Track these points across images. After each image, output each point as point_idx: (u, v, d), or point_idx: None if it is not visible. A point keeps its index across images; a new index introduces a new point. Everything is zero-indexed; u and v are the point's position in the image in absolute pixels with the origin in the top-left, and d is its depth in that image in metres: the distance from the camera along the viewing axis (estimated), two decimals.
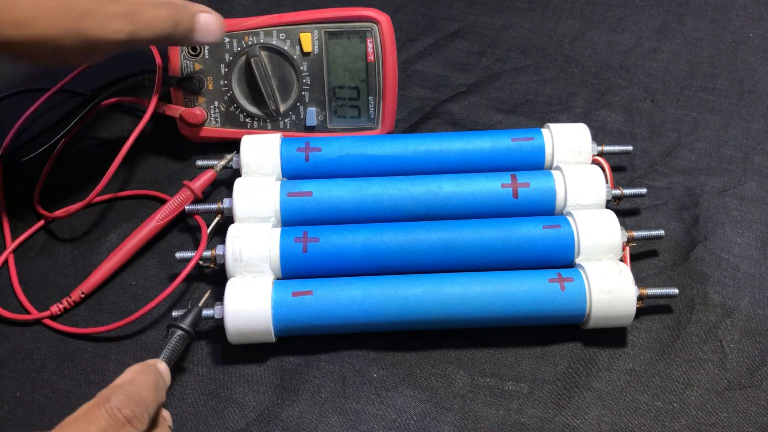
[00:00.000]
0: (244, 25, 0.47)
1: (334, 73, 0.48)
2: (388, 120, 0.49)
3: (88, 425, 0.30)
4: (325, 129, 0.49)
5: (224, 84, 0.48)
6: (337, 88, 0.48)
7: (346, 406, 0.40)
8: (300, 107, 0.49)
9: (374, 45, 0.47)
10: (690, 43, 0.59)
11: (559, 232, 0.42)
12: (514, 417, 0.39)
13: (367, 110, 0.49)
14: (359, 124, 0.49)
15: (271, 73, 0.48)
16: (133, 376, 0.34)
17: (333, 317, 0.40)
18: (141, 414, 0.32)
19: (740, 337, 0.42)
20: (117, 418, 0.31)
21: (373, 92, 0.48)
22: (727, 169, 0.50)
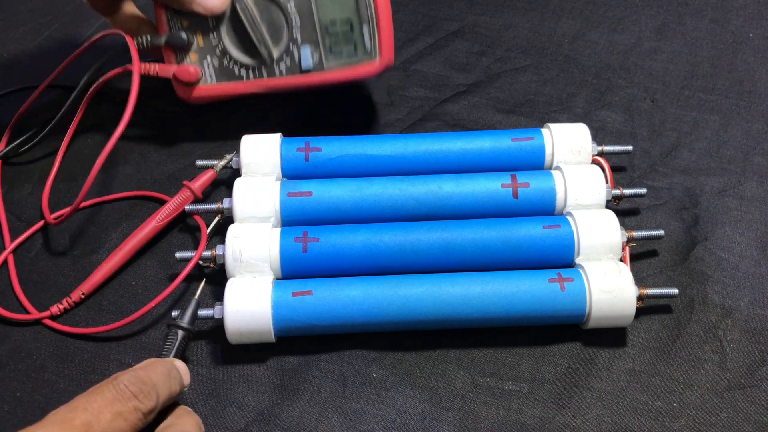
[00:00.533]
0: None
1: (323, 7, 0.46)
2: (386, 49, 0.46)
3: (95, 396, 0.32)
4: (321, 68, 0.47)
5: (214, 37, 0.48)
6: (329, 23, 0.46)
7: (346, 406, 0.40)
8: (293, 49, 0.47)
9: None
10: (690, 43, 0.59)
11: (559, 232, 0.42)
12: (514, 417, 0.39)
13: (363, 42, 0.46)
14: (357, 58, 0.47)
15: (259, 18, 0.47)
16: (145, 363, 0.36)
17: (333, 317, 0.40)
18: (148, 392, 0.33)
19: (740, 337, 0.42)
20: (123, 393, 0.32)
21: (366, 21, 0.46)
22: (727, 169, 0.50)
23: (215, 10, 0.46)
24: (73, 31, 0.62)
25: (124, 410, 0.32)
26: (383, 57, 0.46)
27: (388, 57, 0.46)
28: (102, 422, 0.31)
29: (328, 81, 0.47)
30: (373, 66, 0.46)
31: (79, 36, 0.61)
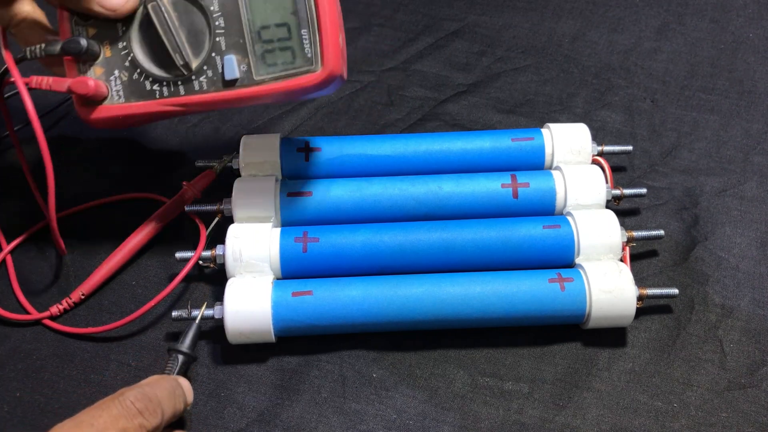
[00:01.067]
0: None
1: (254, 8, 0.38)
2: (332, 56, 0.38)
3: (101, 411, 0.32)
4: (251, 81, 0.39)
5: (123, 47, 0.40)
6: (262, 28, 0.38)
7: (346, 406, 0.40)
8: (216, 58, 0.39)
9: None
10: (690, 43, 0.59)
11: (559, 232, 0.42)
12: (514, 417, 0.39)
13: (302, 48, 0.38)
14: (294, 69, 0.38)
15: (177, 22, 0.39)
16: (151, 380, 0.36)
17: (333, 317, 0.40)
18: (153, 409, 0.33)
19: (740, 337, 0.42)
20: (129, 409, 0.32)
21: (306, 24, 0.38)
22: (727, 169, 0.50)
23: (118, 10, 0.38)
24: None
25: (129, 427, 0.32)
26: (327, 65, 0.38)
27: (333, 65, 0.38)
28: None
29: (259, 95, 0.39)
30: (315, 76, 0.38)
31: None
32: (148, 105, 0.40)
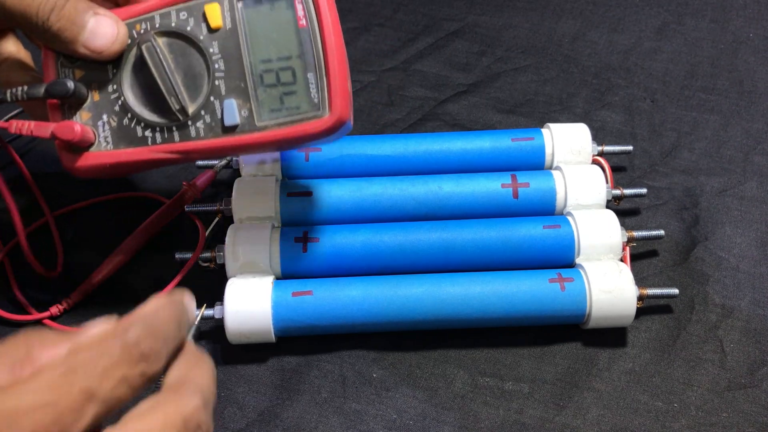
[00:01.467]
0: (134, 10, 0.36)
1: (257, 50, 0.35)
2: (340, 101, 0.35)
3: (100, 357, 0.27)
4: (253, 127, 0.35)
5: (113, 90, 0.36)
6: (264, 72, 0.35)
7: (346, 406, 0.40)
8: (215, 102, 0.36)
9: (304, 5, 0.35)
10: (690, 43, 0.59)
11: (559, 232, 0.42)
12: (514, 417, 0.39)
13: (308, 93, 0.35)
14: (300, 114, 0.35)
15: (174, 64, 0.36)
16: (156, 308, 0.30)
17: (333, 317, 0.40)
18: (158, 351, 0.29)
19: (740, 337, 0.42)
20: (132, 354, 0.28)
21: (312, 68, 0.35)
22: (727, 169, 0.50)
23: (105, 52, 0.35)
24: None
25: (130, 376, 0.28)
26: (335, 111, 0.35)
27: (341, 111, 0.35)
28: (104, 390, 0.26)
29: (262, 142, 0.36)
30: (322, 123, 0.35)
31: None
32: (140, 152, 0.37)
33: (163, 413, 0.27)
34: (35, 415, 0.24)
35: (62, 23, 0.33)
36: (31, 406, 0.24)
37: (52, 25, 0.33)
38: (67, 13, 0.33)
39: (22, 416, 0.23)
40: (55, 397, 0.24)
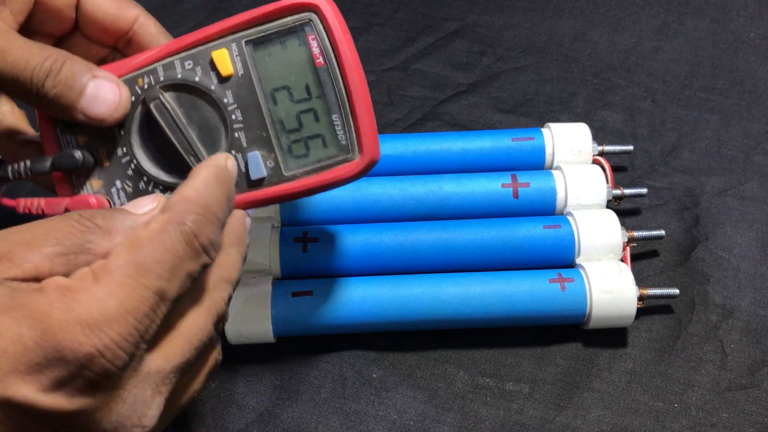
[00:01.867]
0: (134, 63, 0.33)
1: (274, 96, 0.33)
2: (370, 141, 0.33)
3: (164, 252, 0.25)
4: (281, 178, 0.33)
5: (124, 153, 0.33)
6: (286, 117, 0.33)
7: (345, 406, 0.40)
8: (237, 156, 0.33)
9: (320, 41, 0.32)
10: (691, 43, 0.59)
11: (560, 232, 0.42)
12: (515, 417, 0.39)
13: (334, 135, 0.33)
14: (329, 159, 0.33)
15: (186, 120, 0.33)
16: (205, 187, 0.29)
17: (333, 317, 0.40)
18: (216, 240, 0.28)
19: (741, 338, 0.42)
20: (194, 247, 0.26)
21: (335, 108, 0.33)
22: (727, 168, 0.50)
23: (107, 120, 0.31)
24: None
25: (195, 270, 0.26)
26: (366, 152, 0.33)
27: (372, 152, 0.33)
28: (174, 289, 0.25)
29: (291, 192, 0.33)
30: (354, 166, 0.33)
31: None
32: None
33: (198, 315, 0.27)
34: (118, 326, 0.24)
35: (59, 89, 0.30)
36: (113, 315, 0.24)
37: (48, 91, 0.30)
38: (63, 78, 0.30)
39: (107, 328, 0.23)
40: (132, 303, 0.24)
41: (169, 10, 0.63)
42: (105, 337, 0.23)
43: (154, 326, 0.25)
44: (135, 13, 0.35)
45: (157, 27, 0.35)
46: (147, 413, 0.25)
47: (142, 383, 0.25)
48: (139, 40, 0.35)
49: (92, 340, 0.23)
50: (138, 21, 0.35)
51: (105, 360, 0.23)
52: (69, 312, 0.23)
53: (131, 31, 0.35)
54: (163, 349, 0.26)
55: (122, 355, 0.24)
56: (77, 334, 0.23)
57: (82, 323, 0.23)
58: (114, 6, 0.34)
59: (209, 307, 0.28)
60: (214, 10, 0.63)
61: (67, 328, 0.23)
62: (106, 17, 0.34)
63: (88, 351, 0.23)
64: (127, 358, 0.24)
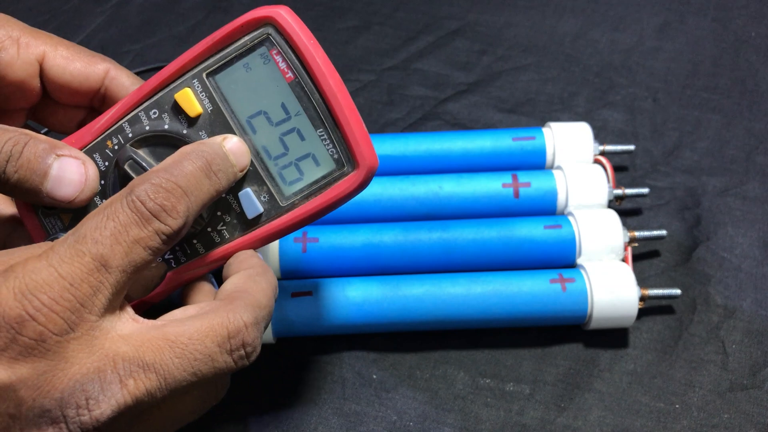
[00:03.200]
0: (99, 126, 0.31)
1: (251, 123, 0.31)
2: (364, 149, 0.30)
3: (106, 220, 0.25)
4: (279, 210, 0.31)
5: None
6: (267, 144, 0.31)
7: (345, 407, 0.40)
8: (228, 198, 0.31)
9: (284, 55, 0.30)
10: (692, 42, 0.59)
11: (561, 233, 0.42)
12: (515, 418, 0.39)
13: (325, 151, 0.31)
14: (326, 178, 0.31)
15: None
16: (174, 161, 0.27)
17: (332, 318, 0.40)
18: (174, 206, 0.26)
19: (742, 338, 0.42)
20: (141, 212, 0.25)
21: (318, 122, 0.31)
22: (729, 168, 0.50)
23: (75, 201, 0.29)
24: (71, 31, 0.61)
25: (143, 236, 0.25)
26: (363, 162, 0.30)
27: (369, 160, 0.31)
28: (117, 256, 0.24)
29: (295, 222, 0.32)
30: (353, 179, 0.31)
31: (77, 35, 0.61)
32: (167, 280, 0.32)
33: (208, 323, 0.26)
34: (50, 289, 0.23)
35: (21, 173, 0.28)
36: (45, 280, 0.23)
37: (10, 176, 0.28)
38: (25, 161, 0.28)
39: (38, 292, 0.23)
40: (66, 269, 0.24)
41: (168, 9, 0.63)
42: (35, 299, 0.23)
43: (101, 297, 0.24)
44: (104, 67, 0.33)
45: (130, 78, 0.34)
46: (98, 398, 0.23)
47: (95, 361, 0.24)
48: (114, 95, 0.33)
49: (23, 303, 0.23)
50: (108, 75, 0.33)
51: (37, 323, 0.23)
52: (3, 283, 0.23)
53: (103, 87, 0.33)
54: (134, 338, 0.25)
55: (57, 320, 0.23)
56: (8, 300, 0.23)
57: (14, 290, 0.23)
58: (80, 65, 0.33)
59: (218, 324, 0.26)
60: (213, 9, 0.63)
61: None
62: (73, 79, 0.32)
63: (18, 314, 0.22)
64: (65, 324, 0.23)
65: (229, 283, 0.29)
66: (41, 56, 0.32)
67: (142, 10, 0.59)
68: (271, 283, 0.30)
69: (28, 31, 0.32)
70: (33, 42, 0.32)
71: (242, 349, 0.27)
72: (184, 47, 0.60)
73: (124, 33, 0.61)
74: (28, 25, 0.33)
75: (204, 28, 0.62)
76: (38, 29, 0.33)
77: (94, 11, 0.63)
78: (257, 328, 0.27)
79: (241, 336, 0.26)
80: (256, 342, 0.27)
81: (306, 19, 0.66)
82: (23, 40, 0.32)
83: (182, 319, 0.26)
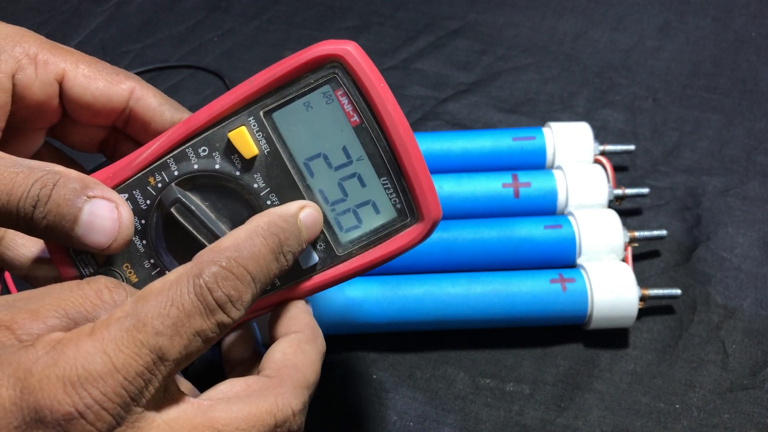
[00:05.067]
0: (140, 160, 0.28)
1: (309, 166, 0.29)
2: (429, 200, 0.29)
3: (170, 306, 0.23)
4: (335, 259, 0.30)
5: (152, 264, 0.29)
6: (325, 188, 0.29)
7: (345, 407, 0.39)
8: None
9: (351, 97, 0.28)
10: (692, 42, 0.59)
11: (561, 233, 0.42)
12: (516, 419, 0.39)
13: (387, 200, 0.29)
14: (386, 228, 0.29)
15: (214, 215, 0.29)
16: (247, 237, 0.25)
17: (332, 318, 0.40)
18: (239, 297, 0.24)
19: (742, 338, 0.42)
20: (206, 301, 0.23)
21: (383, 170, 0.29)
22: (729, 168, 0.50)
23: (108, 248, 0.26)
24: (70, 31, 0.61)
25: (205, 328, 0.23)
26: (428, 214, 0.29)
27: (434, 212, 0.29)
28: (176, 349, 0.23)
29: (350, 272, 0.30)
30: (416, 231, 0.29)
31: (77, 35, 0.61)
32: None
33: (256, 409, 0.25)
34: (104, 384, 0.21)
35: (50, 219, 0.25)
36: (99, 371, 0.21)
37: (38, 222, 0.25)
38: (54, 206, 0.25)
39: (90, 385, 0.21)
40: (122, 361, 0.22)
41: (168, 9, 0.63)
42: (87, 395, 0.21)
43: (152, 388, 0.22)
44: (128, 86, 0.30)
45: (158, 98, 0.31)
46: None
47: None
48: (139, 117, 0.31)
49: (73, 399, 0.21)
50: (134, 95, 0.30)
51: (86, 422, 0.21)
52: (52, 367, 0.21)
53: (128, 108, 0.31)
54: (179, 423, 0.23)
55: (106, 417, 0.21)
56: (57, 392, 0.21)
57: (64, 380, 0.21)
58: (103, 84, 0.30)
59: (266, 411, 0.25)
60: (213, 9, 0.63)
61: (47, 385, 0.21)
62: (95, 100, 0.30)
63: (67, 411, 0.21)
64: (113, 421, 0.22)
65: (278, 351, 0.27)
66: (61, 75, 0.30)
67: (142, 10, 0.59)
68: (321, 351, 0.28)
69: (47, 47, 0.29)
70: (52, 59, 0.29)
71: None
72: (184, 47, 0.60)
73: (123, 33, 0.61)
74: (45, 38, 0.30)
75: (204, 28, 0.62)
76: (58, 44, 0.30)
77: (93, 11, 0.63)
78: (304, 413, 0.26)
79: (287, 425, 0.25)
80: (301, 428, 0.26)
81: (306, 19, 0.66)
82: (41, 57, 0.29)
83: (229, 401, 0.25)
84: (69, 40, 0.60)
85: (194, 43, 0.60)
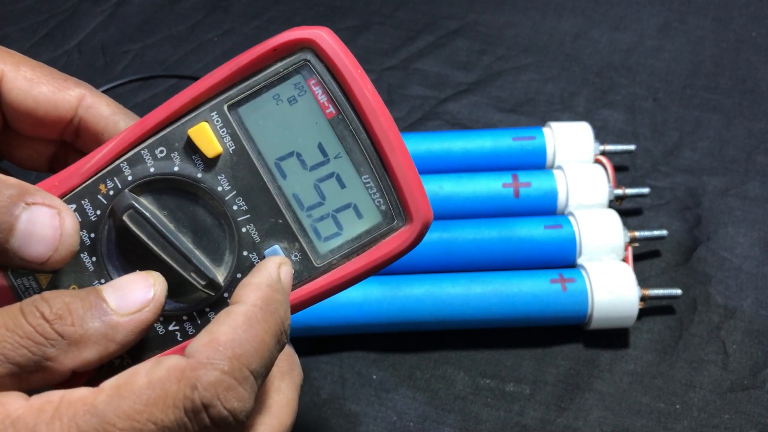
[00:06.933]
0: (89, 166, 0.25)
1: (281, 167, 0.26)
2: (417, 199, 0.26)
3: (145, 420, 0.19)
4: (313, 272, 0.26)
5: (102, 284, 0.25)
6: (299, 192, 0.26)
7: (345, 407, 0.39)
8: (251, 256, 0.26)
9: (325, 86, 0.25)
10: (692, 42, 0.59)
11: (561, 233, 0.42)
12: (516, 419, 0.39)
13: (370, 201, 0.26)
14: (371, 234, 0.26)
15: (174, 225, 0.26)
16: (247, 325, 0.22)
17: (332, 318, 0.40)
18: (244, 406, 0.21)
19: (743, 338, 0.42)
20: (201, 423, 0.20)
21: (365, 167, 0.26)
22: (729, 168, 0.50)
23: (47, 262, 0.23)
24: (70, 31, 0.61)
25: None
26: (417, 215, 0.26)
27: (424, 213, 0.26)
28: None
29: (333, 286, 0.26)
30: (405, 236, 0.26)
31: (76, 35, 0.61)
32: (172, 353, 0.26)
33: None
34: None
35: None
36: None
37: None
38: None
39: None
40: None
41: (168, 9, 0.63)
42: None
43: None
44: (77, 93, 0.27)
45: (111, 106, 0.27)
46: None
47: None
48: (90, 127, 0.27)
49: None
50: (83, 103, 0.27)
51: None
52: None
53: (77, 118, 0.27)
54: None
55: None
56: None
57: None
58: (47, 89, 0.26)
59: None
60: (213, 9, 0.63)
61: None
62: (38, 106, 0.26)
63: None
64: None
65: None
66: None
67: (141, 10, 0.59)
68: (297, 384, 0.26)
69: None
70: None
71: None
72: (184, 47, 0.60)
73: (123, 33, 0.61)
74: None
75: (204, 28, 0.62)
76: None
77: (93, 11, 0.63)
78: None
79: None
80: None
81: (306, 19, 0.66)
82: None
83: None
84: (68, 40, 0.60)
85: (194, 43, 0.60)
